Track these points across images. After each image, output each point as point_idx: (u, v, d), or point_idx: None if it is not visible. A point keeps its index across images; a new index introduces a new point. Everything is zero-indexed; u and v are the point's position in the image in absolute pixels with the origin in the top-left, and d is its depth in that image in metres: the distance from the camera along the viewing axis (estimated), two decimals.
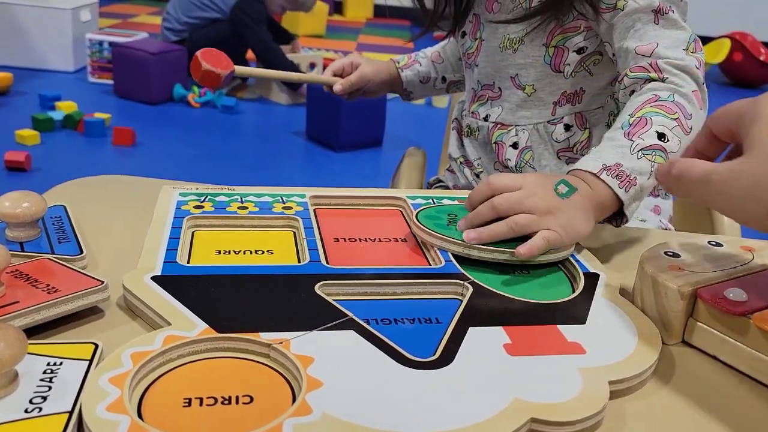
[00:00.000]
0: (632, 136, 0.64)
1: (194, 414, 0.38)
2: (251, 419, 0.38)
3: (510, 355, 0.45)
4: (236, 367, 0.43)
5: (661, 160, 0.64)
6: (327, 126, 2.61)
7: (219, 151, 2.56)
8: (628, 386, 0.44)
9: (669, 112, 0.66)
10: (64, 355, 0.41)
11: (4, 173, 2.13)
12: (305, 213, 0.65)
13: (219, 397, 0.40)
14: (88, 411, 0.36)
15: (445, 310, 0.51)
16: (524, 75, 0.81)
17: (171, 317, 0.46)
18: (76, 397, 0.38)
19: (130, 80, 2.92)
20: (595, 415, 0.40)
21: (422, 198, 0.71)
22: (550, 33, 0.78)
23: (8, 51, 3.29)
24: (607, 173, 0.61)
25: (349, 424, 0.37)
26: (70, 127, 2.53)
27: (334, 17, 5.77)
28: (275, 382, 0.42)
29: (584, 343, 0.47)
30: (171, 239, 0.57)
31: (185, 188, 0.68)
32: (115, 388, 0.38)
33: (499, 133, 0.84)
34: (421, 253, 0.60)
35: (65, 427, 0.36)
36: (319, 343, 0.44)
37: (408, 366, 0.43)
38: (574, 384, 0.42)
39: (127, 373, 0.40)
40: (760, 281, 0.50)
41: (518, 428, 0.38)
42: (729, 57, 4.24)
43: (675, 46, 0.71)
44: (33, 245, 0.54)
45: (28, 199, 0.54)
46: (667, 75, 0.69)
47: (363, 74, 0.94)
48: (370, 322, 0.48)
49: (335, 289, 0.52)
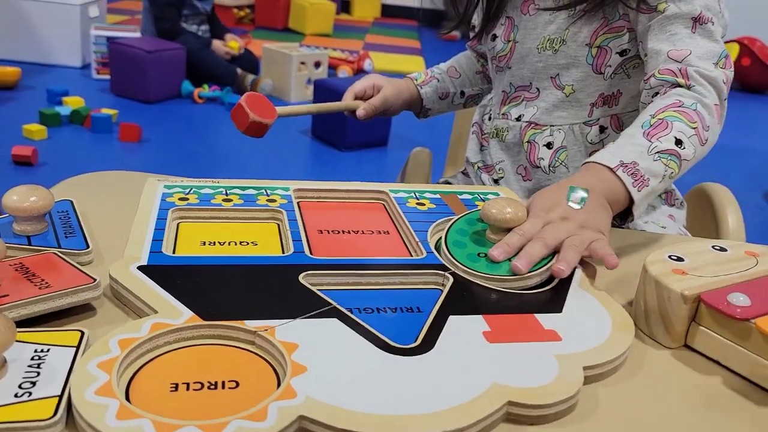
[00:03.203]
0: (651, 137, 0.65)
1: (181, 398, 0.39)
2: (237, 403, 0.39)
3: (489, 342, 0.46)
4: (222, 354, 0.44)
5: (675, 165, 0.64)
6: (333, 125, 2.60)
7: (225, 148, 2.56)
8: (601, 372, 0.46)
9: (690, 120, 0.66)
10: (51, 342, 0.42)
11: (11, 167, 2.14)
12: (289, 206, 0.66)
13: (205, 382, 0.40)
14: (78, 394, 0.37)
15: (426, 299, 0.52)
16: (565, 75, 0.80)
17: (157, 305, 0.47)
18: (64, 382, 0.39)
19: (127, 78, 2.90)
20: (569, 399, 0.42)
21: (404, 192, 0.72)
22: (595, 33, 0.77)
23: (17, 46, 3.30)
24: (623, 170, 0.62)
25: (333, 407, 0.38)
26: (77, 122, 2.55)
27: (342, 16, 5.74)
28: (260, 367, 0.43)
29: (560, 331, 0.48)
30: (156, 230, 0.58)
31: (170, 181, 0.69)
32: (103, 373, 0.39)
33: (533, 133, 0.83)
34: (403, 244, 0.62)
35: (55, 410, 0.37)
36: (304, 330, 0.45)
37: (390, 352, 0.44)
38: (550, 369, 0.44)
39: (115, 358, 0.40)
40: (763, 286, 0.50)
41: (496, 411, 0.40)
42: (737, 62, 4.23)
43: (707, 58, 0.71)
44: (40, 239, 0.55)
45: (35, 193, 0.54)
46: (694, 83, 0.69)
47: (386, 98, 0.91)
48: (353, 311, 0.49)
49: (319, 279, 0.53)
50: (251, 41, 3.97)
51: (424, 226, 0.64)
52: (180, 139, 2.57)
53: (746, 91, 4.40)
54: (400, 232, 0.64)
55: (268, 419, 0.37)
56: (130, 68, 2.85)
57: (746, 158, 2.98)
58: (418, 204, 0.69)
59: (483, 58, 1.00)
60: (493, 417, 0.40)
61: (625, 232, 0.72)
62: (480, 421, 0.39)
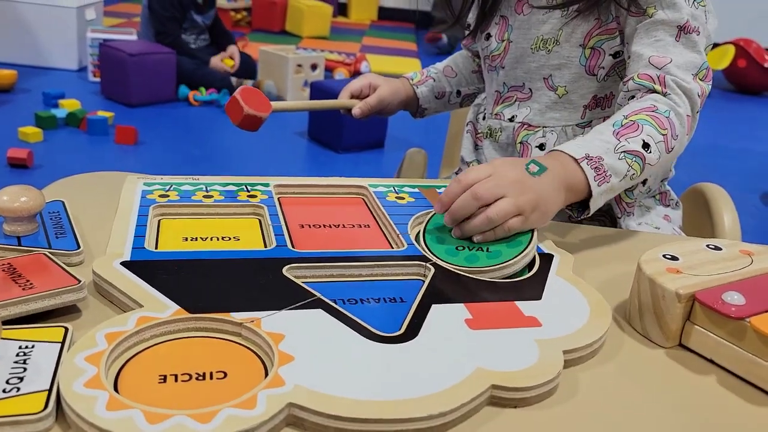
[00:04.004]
0: (620, 136, 0.66)
1: (170, 389, 0.39)
2: (226, 393, 0.39)
3: (471, 329, 0.47)
4: (209, 346, 0.44)
5: (638, 167, 0.65)
6: (329, 127, 2.60)
7: (221, 150, 2.56)
8: (580, 356, 0.47)
9: (660, 126, 0.67)
10: (36, 339, 0.42)
11: (7, 170, 2.13)
12: (270, 201, 0.66)
13: (193, 373, 0.41)
14: (66, 387, 0.37)
15: (409, 289, 0.53)
16: (558, 76, 0.80)
17: (143, 300, 0.47)
18: (52, 377, 0.39)
19: (113, 81, 2.88)
20: (550, 382, 0.43)
21: (383, 186, 0.73)
22: (588, 34, 0.77)
23: (13, 48, 3.29)
24: (588, 162, 0.63)
25: (322, 394, 0.39)
26: (73, 125, 2.54)
27: (338, 19, 5.70)
28: (247, 358, 0.43)
29: (540, 317, 0.50)
30: (138, 227, 0.58)
31: (150, 178, 0.69)
32: (91, 366, 0.39)
33: (526, 134, 0.82)
34: (383, 237, 0.63)
35: (45, 404, 0.37)
36: (289, 321, 0.46)
37: (375, 341, 0.45)
38: (531, 354, 0.45)
39: (102, 351, 0.41)
40: (758, 285, 0.50)
41: (480, 394, 0.41)
42: (733, 63, 4.20)
43: (687, 68, 0.71)
44: (30, 240, 0.55)
45: (26, 193, 0.54)
46: (670, 92, 0.69)
47: (382, 97, 0.91)
48: (337, 302, 0.50)
49: (302, 271, 0.53)
50: (248, 44, 3.96)
51: (404, 219, 0.64)
52: (176, 142, 2.56)
53: (742, 93, 4.34)
54: (381, 225, 0.65)
55: (258, 407, 0.37)
56: (116, 71, 2.84)
57: (743, 160, 2.97)
58: (398, 198, 0.70)
59: (478, 56, 1.00)
60: (478, 400, 0.41)
61: (619, 232, 0.73)
62: (465, 404, 0.40)
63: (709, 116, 3.63)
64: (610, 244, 0.69)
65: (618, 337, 0.51)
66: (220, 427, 0.36)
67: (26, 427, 0.36)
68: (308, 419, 0.38)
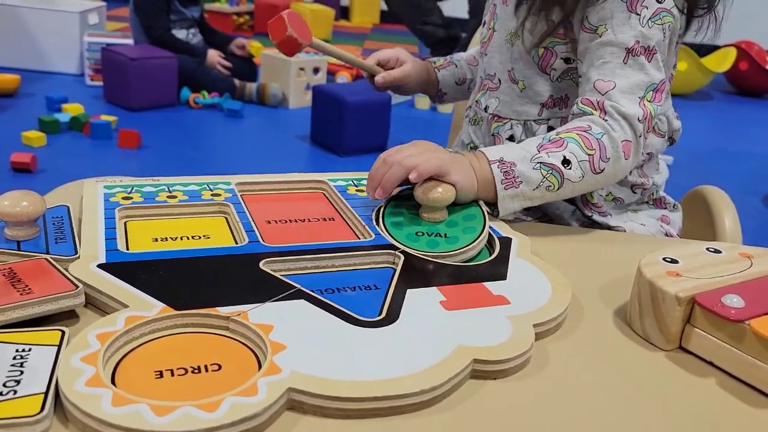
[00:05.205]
0: (542, 149, 0.68)
1: (168, 383, 0.41)
2: (224, 383, 0.41)
3: (447, 310, 0.50)
4: (199, 341, 0.45)
5: (555, 181, 0.68)
6: (331, 131, 2.56)
7: (224, 154, 2.51)
8: (548, 328, 0.51)
9: (587, 147, 0.68)
10: (33, 342, 0.42)
11: (10, 174, 2.08)
12: (234, 199, 0.67)
13: (188, 368, 0.42)
14: (68, 388, 0.38)
15: (382, 277, 0.55)
16: (517, 70, 0.82)
17: (127, 300, 0.47)
18: (49, 379, 0.39)
19: (115, 85, 2.81)
20: (525, 353, 0.47)
21: (342, 180, 0.75)
22: (543, 33, 0.78)
23: (16, 53, 3.23)
24: (498, 165, 0.67)
25: (319, 378, 0.41)
26: (76, 129, 2.49)
27: (341, 22, 5.64)
28: (238, 350, 0.45)
29: (508, 295, 0.53)
30: (107, 229, 0.58)
31: (110, 181, 0.68)
32: (89, 366, 0.40)
33: (496, 126, 0.84)
34: (350, 229, 0.65)
35: (42, 406, 0.38)
36: (275, 312, 0.48)
37: (359, 326, 0.47)
38: (505, 329, 0.48)
39: (97, 351, 0.41)
40: (758, 288, 0.50)
41: (464, 369, 0.44)
42: (735, 66, 4.10)
43: (631, 92, 0.71)
44: (30, 244, 0.54)
45: (27, 198, 0.54)
46: (608, 118, 0.70)
47: (406, 72, 0.93)
48: (316, 293, 0.51)
49: (279, 265, 0.55)
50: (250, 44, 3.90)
51: (367, 211, 0.67)
52: (179, 146, 2.52)
53: (744, 95, 4.29)
54: (345, 218, 0.67)
55: (260, 394, 0.39)
56: (117, 75, 2.78)
57: (744, 162, 2.97)
58: (358, 191, 0.72)
59: None
60: (463, 374, 0.44)
61: (619, 236, 0.75)
62: (451, 378, 0.43)
63: (711, 119, 3.67)
64: (611, 247, 0.71)
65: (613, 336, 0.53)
66: (226, 414, 0.37)
67: (23, 430, 0.37)
68: (308, 402, 0.40)
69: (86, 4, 3.47)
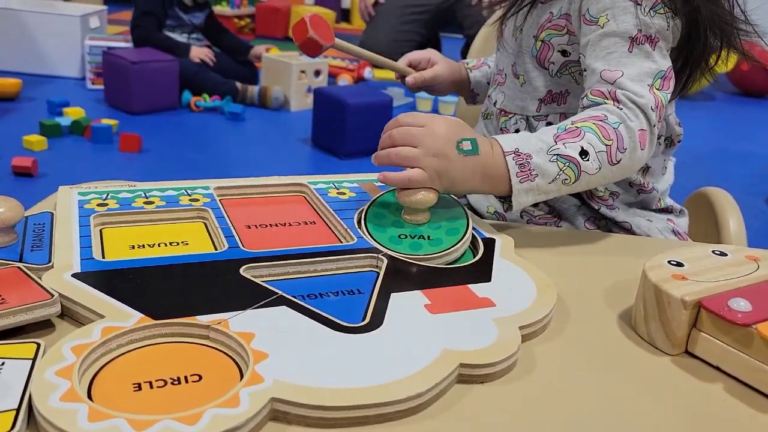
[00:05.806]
0: (559, 139, 0.66)
1: (147, 396, 0.39)
2: (205, 395, 0.39)
3: (432, 314, 0.49)
4: (178, 351, 0.44)
5: (572, 174, 0.65)
6: (333, 133, 2.54)
7: (225, 157, 2.49)
8: (534, 330, 0.50)
9: (605, 137, 0.66)
10: (6, 356, 0.41)
11: (11, 178, 2.05)
12: (213, 204, 0.66)
13: (168, 379, 0.41)
14: (41, 403, 0.37)
15: (365, 281, 0.55)
16: (519, 64, 0.81)
17: (103, 310, 0.46)
18: (21, 395, 0.38)
19: (117, 88, 2.78)
20: (512, 356, 0.46)
21: (323, 183, 0.74)
22: (541, 26, 0.78)
23: (17, 57, 3.21)
24: (514, 157, 0.64)
25: (302, 386, 0.40)
26: (77, 133, 2.47)
27: (341, 25, 5.62)
28: (219, 359, 0.44)
29: (493, 298, 0.52)
30: (82, 237, 0.56)
31: (84, 187, 0.67)
32: (63, 380, 0.39)
33: (503, 120, 0.84)
34: (331, 233, 0.64)
35: (13, 423, 0.36)
36: (256, 320, 0.46)
37: (342, 332, 0.46)
38: (491, 332, 0.48)
39: (73, 364, 0.40)
40: (764, 291, 0.50)
41: (450, 373, 0.43)
42: (737, 66, 3.97)
43: (640, 80, 0.69)
44: (5, 252, 0.53)
45: (3, 204, 0.53)
46: (623, 107, 0.68)
47: (437, 73, 0.92)
48: (298, 298, 0.50)
49: (259, 271, 0.54)
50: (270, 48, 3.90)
51: (348, 214, 0.66)
52: (180, 149, 2.49)
53: (747, 96, 4.25)
54: (326, 221, 0.66)
55: (242, 405, 0.38)
56: (118, 79, 2.76)
57: (748, 163, 2.95)
58: (339, 194, 0.72)
59: None
60: (449, 379, 0.43)
61: (624, 238, 0.75)
62: (438, 384, 0.42)
63: (713, 119, 3.65)
64: (615, 249, 0.70)
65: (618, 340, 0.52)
66: (208, 427, 0.36)
67: None
68: (292, 412, 0.39)
69: (87, 8, 3.47)
